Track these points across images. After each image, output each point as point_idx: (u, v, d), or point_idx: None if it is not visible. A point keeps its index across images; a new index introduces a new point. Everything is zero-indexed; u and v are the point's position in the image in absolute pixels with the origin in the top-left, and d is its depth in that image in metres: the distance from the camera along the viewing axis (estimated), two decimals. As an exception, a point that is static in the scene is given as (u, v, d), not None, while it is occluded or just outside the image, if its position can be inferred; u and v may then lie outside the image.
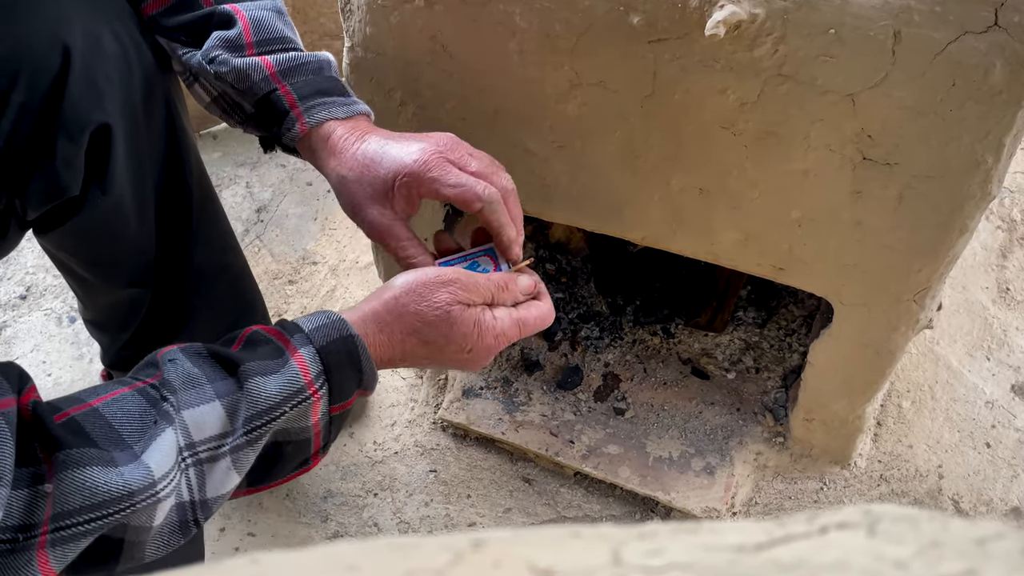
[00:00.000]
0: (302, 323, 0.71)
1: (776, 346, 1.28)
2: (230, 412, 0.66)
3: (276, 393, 0.67)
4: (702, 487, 1.16)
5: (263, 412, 0.67)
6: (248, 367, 0.67)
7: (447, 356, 0.75)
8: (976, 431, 1.24)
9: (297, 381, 0.68)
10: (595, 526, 0.27)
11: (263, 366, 0.68)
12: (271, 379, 0.67)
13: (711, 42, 0.73)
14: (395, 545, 0.26)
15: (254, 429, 0.67)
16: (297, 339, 0.70)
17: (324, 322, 0.71)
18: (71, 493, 0.59)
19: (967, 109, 0.70)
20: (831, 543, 0.24)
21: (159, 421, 0.64)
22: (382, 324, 0.73)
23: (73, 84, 0.78)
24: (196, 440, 0.65)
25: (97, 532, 0.61)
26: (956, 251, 0.83)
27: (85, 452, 0.60)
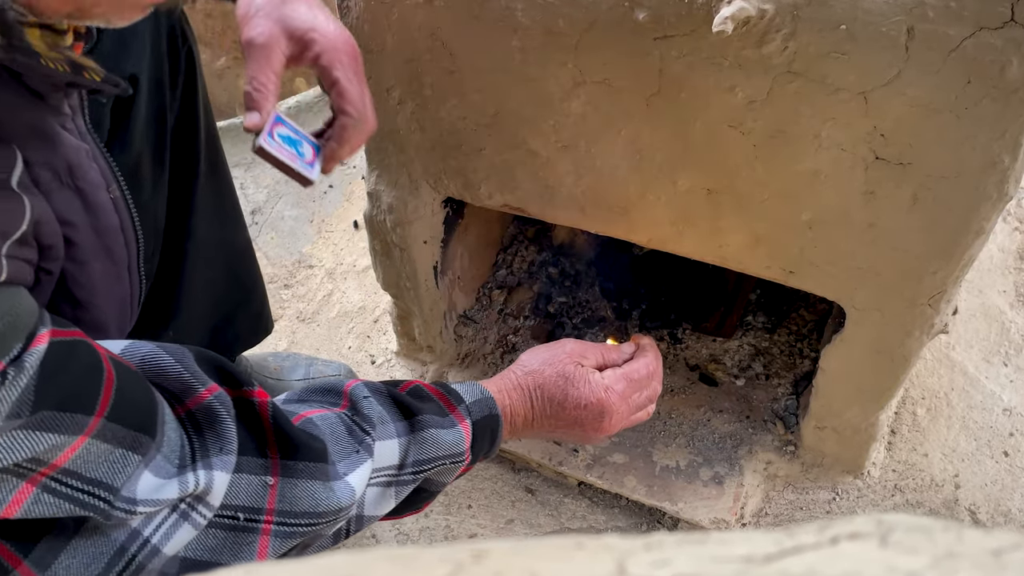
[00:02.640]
0: (463, 394, 0.87)
1: (786, 352, 1.28)
2: (403, 450, 0.81)
3: (446, 447, 0.83)
4: (710, 497, 1.16)
5: (431, 459, 0.82)
6: (425, 419, 0.82)
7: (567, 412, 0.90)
8: (994, 439, 1.24)
9: (461, 444, 0.84)
10: (599, 537, 0.27)
11: (436, 420, 0.83)
12: (444, 434, 0.83)
13: (719, 39, 0.73)
14: (393, 556, 0.26)
15: (419, 471, 0.82)
16: (462, 409, 0.86)
17: (479, 397, 0.88)
18: (300, 499, 0.72)
19: (983, 107, 0.70)
20: (842, 554, 0.24)
21: (361, 451, 0.78)
22: (521, 392, 0.91)
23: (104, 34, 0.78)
24: (376, 468, 0.79)
25: (308, 535, 0.73)
26: (972, 253, 0.83)
27: (312, 466, 0.73)
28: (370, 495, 0.80)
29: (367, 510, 0.80)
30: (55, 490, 0.59)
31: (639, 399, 0.96)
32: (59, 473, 0.59)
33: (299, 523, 0.72)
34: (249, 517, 0.70)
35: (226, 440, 0.70)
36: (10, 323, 0.55)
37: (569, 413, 0.91)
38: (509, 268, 1.40)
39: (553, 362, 0.92)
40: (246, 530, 0.70)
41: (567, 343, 0.95)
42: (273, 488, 0.71)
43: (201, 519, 0.68)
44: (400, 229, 1.11)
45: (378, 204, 1.09)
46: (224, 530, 0.69)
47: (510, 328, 1.34)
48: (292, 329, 1.51)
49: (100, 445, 0.61)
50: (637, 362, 0.96)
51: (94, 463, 0.61)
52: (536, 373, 0.92)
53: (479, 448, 0.87)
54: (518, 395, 0.90)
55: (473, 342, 1.33)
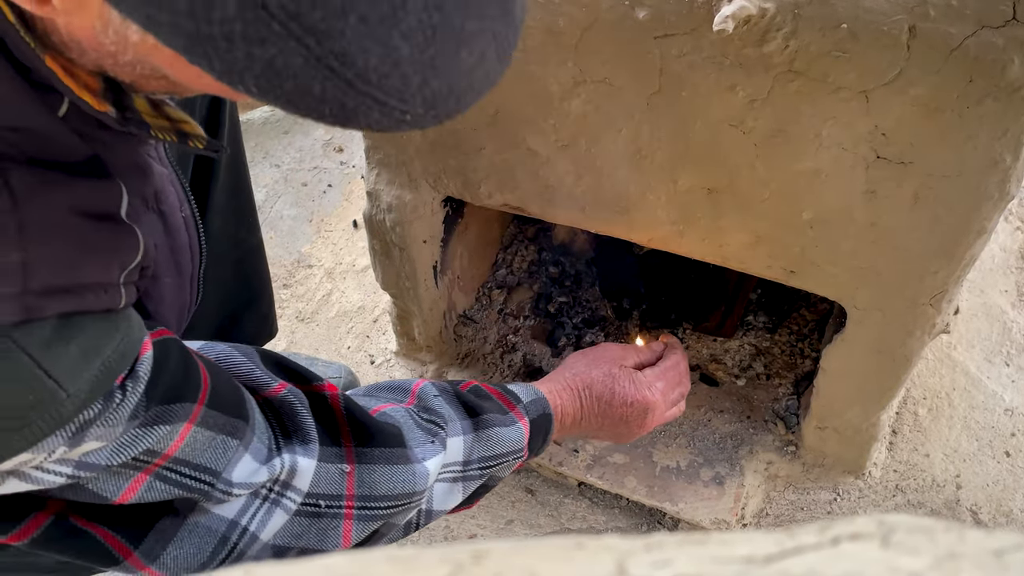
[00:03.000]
0: (520, 394, 0.92)
1: (787, 352, 1.28)
2: (468, 447, 0.85)
3: (508, 445, 0.88)
4: (711, 498, 1.16)
5: (495, 456, 0.87)
6: (489, 417, 0.87)
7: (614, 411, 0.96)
8: (995, 439, 1.24)
9: (521, 441, 0.89)
10: (600, 537, 0.27)
11: (499, 419, 0.88)
12: (506, 431, 0.88)
13: (720, 37, 0.73)
14: (393, 558, 0.26)
15: (485, 468, 0.87)
16: (520, 408, 0.91)
17: (534, 397, 0.93)
18: (379, 483, 0.76)
19: (985, 106, 0.70)
20: (844, 554, 0.24)
21: (435, 441, 0.82)
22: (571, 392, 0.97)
23: None
24: (445, 463, 0.83)
25: (387, 518, 0.78)
26: (973, 253, 0.83)
27: (388, 451, 0.78)
28: (439, 490, 0.84)
29: (436, 504, 0.85)
30: (166, 478, 0.65)
31: (674, 396, 1.02)
32: (170, 462, 0.64)
33: (379, 506, 0.77)
34: (330, 504, 0.75)
35: (304, 430, 0.75)
36: (129, 343, 0.60)
37: (616, 411, 0.96)
38: (509, 268, 1.40)
39: (599, 364, 0.98)
40: (329, 516, 0.75)
41: (609, 347, 1.02)
42: (350, 475, 0.76)
43: (291, 504, 0.72)
44: (399, 228, 1.11)
45: (377, 203, 1.09)
46: (307, 517, 0.74)
47: (510, 328, 1.34)
48: (291, 329, 1.51)
49: (204, 432, 0.66)
50: (670, 360, 1.03)
51: (200, 450, 0.66)
52: (584, 374, 0.97)
53: (534, 445, 0.91)
54: (568, 395, 0.96)
55: (473, 342, 1.33)
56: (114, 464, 0.61)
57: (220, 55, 0.41)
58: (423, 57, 0.43)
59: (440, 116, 0.47)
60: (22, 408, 0.54)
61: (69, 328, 0.56)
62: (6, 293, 0.51)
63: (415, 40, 0.43)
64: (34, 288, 0.53)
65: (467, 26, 0.44)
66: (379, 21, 0.41)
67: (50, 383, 0.54)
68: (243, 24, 0.40)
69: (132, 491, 0.63)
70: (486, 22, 0.45)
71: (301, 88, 0.43)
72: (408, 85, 0.44)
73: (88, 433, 0.58)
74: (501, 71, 0.48)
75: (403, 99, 0.44)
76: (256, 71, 0.42)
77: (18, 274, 0.52)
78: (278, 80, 0.42)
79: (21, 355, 0.53)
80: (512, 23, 0.48)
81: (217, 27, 0.40)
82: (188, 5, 0.39)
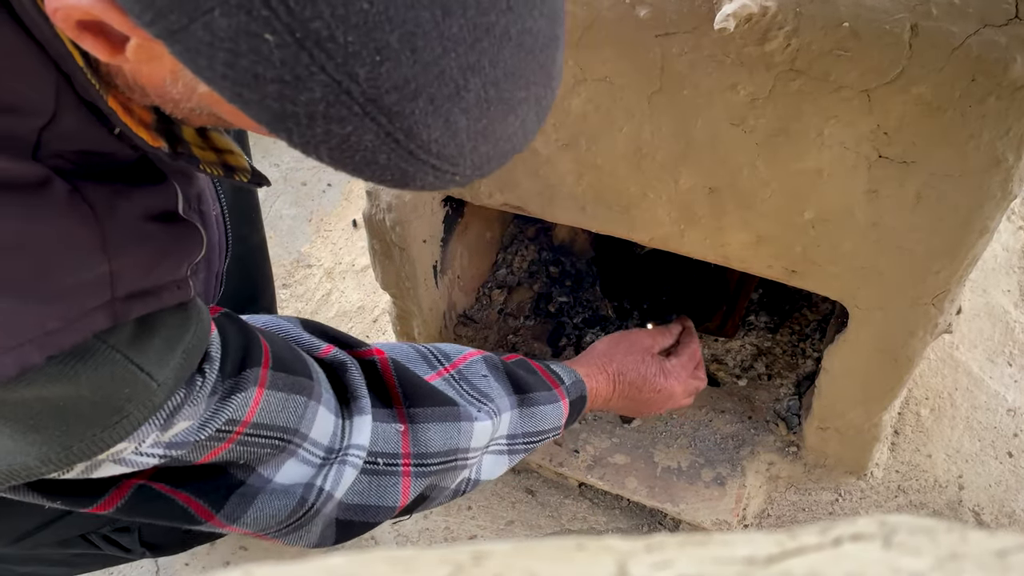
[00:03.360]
0: (562, 375, 0.98)
1: (789, 352, 1.28)
2: (514, 423, 0.92)
3: (550, 422, 0.95)
4: (712, 499, 1.16)
5: (539, 432, 0.94)
6: (536, 395, 0.94)
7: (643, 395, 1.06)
8: (998, 440, 1.24)
9: (560, 419, 0.96)
10: (600, 538, 0.27)
11: (544, 397, 0.94)
12: (549, 409, 0.94)
13: (721, 36, 0.73)
14: (393, 558, 0.26)
15: (530, 442, 0.93)
16: (563, 389, 0.97)
17: (574, 380, 0.99)
18: (432, 440, 0.81)
19: (987, 105, 0.70)
20: (845, 555, 0.24)
21: (482, 410, 0.88)
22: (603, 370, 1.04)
23: None
24: (493, 436, 0.88)
25: (440, 474, 0.83)
26: (976, 252, 0.83)
27: (440, 410, 0.83)
28: (487, 461, 0.91)
29: (483, 475, 0.91)
30: (248, 443, 0.70)
31: (691, 387, 1.12)
32: (251, 428, 0.69)
33: (433, 463, 0.82)
34: (388, 462, 0.80)
35: (356, 389, 0.80)
36: (202, 330, 0.64)
37: (644, 395, 1.06)
38: (509, 267, 1.40)
39: (633, 351, 1.07)
40: (388, 474, 0.80)
41: (640, 333, 1.10)
42: (404, 434, 0.81)
43: (358, 460, 0.77)
44: (399, 228, 1.11)
45: (377, 203, 1.09)
46: (368, 475, 0.79)
47: (510, 328, 1.34)
48: (290, 329, 1.51)
49: (275, 395, 0.70)
50: (690, 348, 1.13)
51: (275, 412, 0.70)
52: (619, 360, 1.05)
53: (568, 423, 0.99)
54: (603, 379, 1.04)
55: (473, 342, 1.33)
56: (201, 439, 0.66)
57: (301, 130, 0.45)
58: (477, 127, 0.48)
59: (484, 174, 0.52)
60: (120, 401, 0.58)
61: (151, 323, 0.60)
62: (97, 304, 0.55)
63: (472, 114, 0.47)
64: (120, 295, 0.57)
65: (516, 96, 0.49)
66: (444, 100, 0.46)
67: (142, 375, 0.59)
68: (326, 106, 0.44)
69: (214, 454, 0.68)
70: (532, 89, 0.50)
71: (368, 158, 0.47)
72: (462, 152, 0.49)
73: (177, 417, 0.63)
74: (538, 129, 0.54)
75: (455, 164, 0.49)
76: (331, 144, 0.46)
77: (106, 284, 0.56)
78: (350, 152, 0.47)
79: (115, 354, 0.57)
80: (551, 85, 0.52)
81: (303, 108, 0.44)
82: (278, 89, 0.43)
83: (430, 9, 0.43)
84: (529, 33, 0.47)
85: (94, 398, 0.57)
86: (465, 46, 0.45)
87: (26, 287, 0.53)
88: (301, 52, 0.42)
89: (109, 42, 0.47)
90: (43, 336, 0.53)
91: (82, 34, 0.46)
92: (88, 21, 0.46)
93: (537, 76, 0.50)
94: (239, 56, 0.42)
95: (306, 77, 0.43)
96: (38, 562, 1.08)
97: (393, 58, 0.43)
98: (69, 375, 0.56)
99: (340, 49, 0.42)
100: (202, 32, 0.41)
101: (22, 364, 0.53)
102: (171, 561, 1.29)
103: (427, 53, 0.44)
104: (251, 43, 0.42)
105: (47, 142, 0.53)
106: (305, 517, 0.75)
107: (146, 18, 0.42)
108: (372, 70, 0.43)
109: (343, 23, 0.41)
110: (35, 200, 0.52)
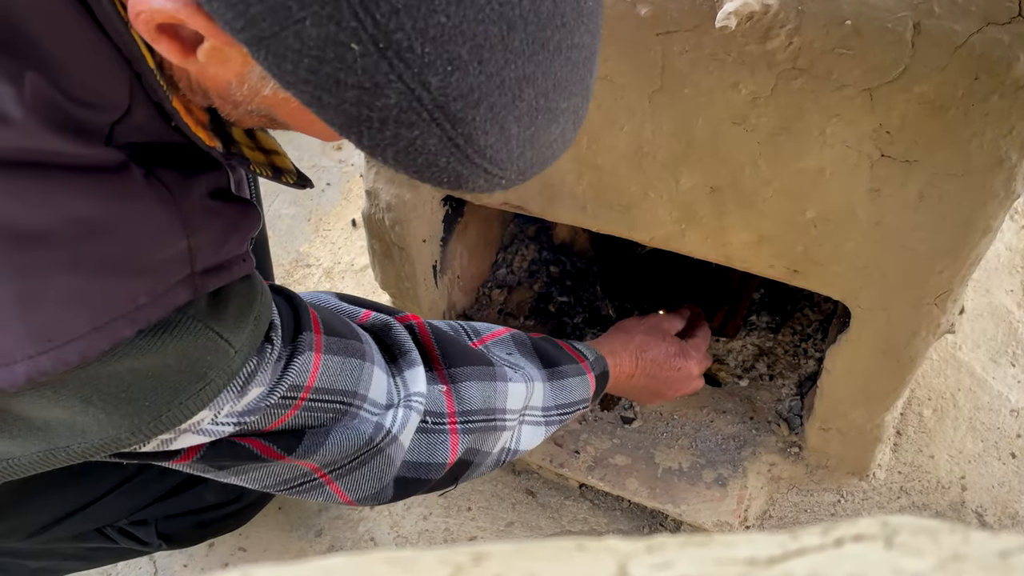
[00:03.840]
0: (584, 352, 1.02)
1: (791, 352, 1.28)
2: (546, 395, 0.96)
3: (579, 394, 0.99)
4: (713, 500, 1.16)
5: (570, 403, 0.98)
6: (564, 368, 0.98)
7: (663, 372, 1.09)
8: (1001, 441, 1.24)
9: (589, 392, 1.00)
10: (601, 539, 0.27)
11: (572, 370, 0.98)
12: (577, 382, 0.98)
13: (722, 34, 0.73)
14: (392, 559, 0.26)
15: (563, 413, 0.98)
16: (588, 363, 1.00)
17: (596, 356, 1.03)
18: (474, 398, 0.86)
19: (990, 103, 0.70)
20: (847, 556, 0.24)
21: (519, 373, 0.92)
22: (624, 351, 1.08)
23: None
24: (527, 405, 0.93)
25: (483, 432, 0.87)
26: (979, 252, 0.83)
27: (478, 369, 0.88)
28: (525, 431, 0.95)
29: (522, 445, 0.95)
30: (312, 408, 0.74)
31: (703, 367, 1.15)
32: (313, 393, 0.73)
33: (476, 419, 0.87)
34: (436, 421, 0.84)
35: (403, 345, 0.84)
36: (266, 298, 0.69)
37: (665, 372, 1.09)
38: (509, 267, 1.40)
39: (655, 332, 1.11)
40: (437, 431, 0.84)
41: (656, 317, 1.15)
42: (447, 394, 0.86)
43: (420, 405, 0.81)
44: (399, 227, 1.11)
45: (376, 202, 1.09)
46: (419, 433, 0.83)
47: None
48: (289, 329, 1.51)
49: (332, 359, 0.74)
50: (703, 330, 1.18)
51: (334, 376, 0.74)
52: (641, 339, 1.09)
53: (595, 398, 1.03)
54: (626, 354, 1.07)
55: (473, 342, 1.34)
56: (270, 404, 0.70)
57: (372, 133, 0.49)
58: (526, 134, 0.53)
59: (525, 179, 0.57)
60: (203, 368, 0.62)
61: (223, 294, 0.64)
62: (180, 278, 0.59)
63: (523, 121, 0.52)
64: (199, 270, 0.60)
65: (560, 105, 0.53)
66: (501, 108, 0.50)
67: (222, 342, 0.63)
68: (399, 111, 0.48)
69: (281, 421, 0.72)
70: (572, 100, 0.55)
71: (430, 161, 0.51)
72: (511, 157, 0.53)
73: (251, 384, 0.67)
74: (574, 137, 0.58)
75: (503, 168, 0.53)
76: (398, 147, 0.50)
77: (186, 260, 0.59)
78: (414, 155, 0.51)
79: (196, 324, 0.61)
80: (587, 97, 0.57)
81: (377, 112, 0.48)
82: (357, 95, 0.47)
83: (498, 24, 0.47)
84: (576, 47, 0.52)
85: (180, 367, 0.61)
86: (524, 58, 0.49)
87: (118, 265, 0.56)
88: (382, 61, 0.45)
89: (182, 45, 0.51)
90: (134, 311, 0.57)
91: (159, 37, 0.50)
92: (166, 24, 0.49)
93: (578, 88, 0.54)
94: (324, 63, 0.45)
95: (384, 84, 0.46)
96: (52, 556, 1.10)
97: (462, 68, 0.47)
98: (157, 346, 0.59)
99: (417, 59, 0.46)
100: (292, 40, 0.45)
101: (115, 339, 0.56)
102: (169, 563, 1.29)
103: (491, 64, 0.48)
104: (337, 51, 0.45)
105: (118, 134, 0.56)
106: (369, 453, 0.78)
107: (237, 25, 0.45)
108: (443, 79, 0.47)
109: (422, 35, 0.45)
110: (119, 182, 0.56)
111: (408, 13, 0.44)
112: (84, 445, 0.62)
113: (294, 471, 0.78)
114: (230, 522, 1.14)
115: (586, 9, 0.52)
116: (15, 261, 0.53)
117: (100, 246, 0.55)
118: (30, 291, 0.53)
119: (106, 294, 0.56)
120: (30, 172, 0.52)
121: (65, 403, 0.59)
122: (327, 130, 0.51)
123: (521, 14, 0.47)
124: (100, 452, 0.63)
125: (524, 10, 0.48)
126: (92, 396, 0.59)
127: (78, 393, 0.59)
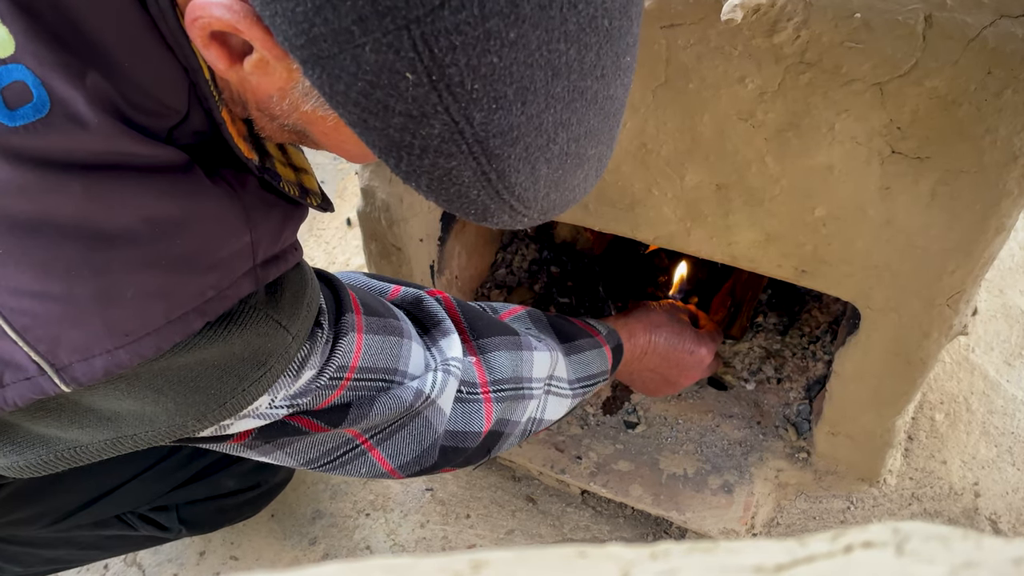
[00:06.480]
0: (598, 327, 1.06)
1: (799, 354, 1.28)
2: (567, 368, 1.00)
3: (598, 367, 1.03)
4: (719, 506, 1.16)
5: (591, 376, 1.03)
6: (581, 342, 1.02)
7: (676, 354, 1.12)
8: (1015, 445, 1.24)
9: (606, 364, 1.05)
10: (603, 546, 0.27)
11: (589, 343, 1.03)
12: (594, 354, 1.03)
13: (728, 27, 0.73)
14: (389, 567, 0.26)
15: (586, 386, 1.03)
16: (603, 336, 1.05)
17: (610, 330, 1.07)
18: (503, 367, 0.91)
19: (1004, 98, 0.70)
20: (857, 563, 0.24)
21: (542, 343, 0.96)
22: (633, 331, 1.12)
23: None
24: (551, 374, 0.97)
25: (512, 401, 0.92)
26: (992, 251, 0.83)
27: (505, 339, 0.93)
28: (551, 402, 0.98)
29: (547, 414, 0.99)
30: (357, 387, 0.78)
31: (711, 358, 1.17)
32: (358, 373, 0.77)
33: (506, 387, 0.91)
34: (470, 391, 0.89)
35: (437, 314, 0.90)
36: (315, 284, 0.73)
37: (678, 354, 1.12)
38: (509, 267, 1.40)
39: (670, 314, 1.14)
40: (471, 401, 0.89)
41: (667, 304, 1.18)
42: (477, 364, 0.91)
43: (457, 369, 0.86)
44: (395, 227, 1.11)
45: (372, 201, 1.09)
46: (456, 403, 0.88)
47: (510, 330, 1.35)
48: (282, 331, 1.51)
49: (373, 338, 0.79)
50: (715, 329, 1.19)
51: (376, 355, 0.79)
52: (654, 316, 1.13)
53: (613, 370, 1.07)
54: (639, 327, 1.11)
55: (471, 344, 1.34)
56: (320, 385, 0.74)
57: (410, 160, 0.52)
58: (554, 176, 0.56)
59: (545, 219, 0.60)
60: (264, 355, 0.66)
61: (279, 282, 0.68)
62: (244, 271, 0.62)
63: (552, 164, 0.55)
64: (259, 262, 0.64)
65: (587, 152, 0.57)
66: (535, 149, 0.53)
67: (280, 329, 0.67)
68: (440, 141, 0.51)
69: (328, 401, 0.77)
70: (600, 148, 0.58)
71: (461, 192, 0.55)
72: (536, 197, 0.56)
73: (304, 368, 0.71)
74: (596, 184, 0.61)
75: (528, 206, 0.57)
76: (433, 175, 0.53)
77: (249, 253, 0.63)
78: (447, 185, 0.54)
79: (257, 312, 0.65)
80: (612, 146, 0.60)
81: (419, 140, 0.51)
82: (403, 122, 0.50)
83: (544, 70, 0.50)
84: (610, 99, 0.56)
85: (244, 355, 0.65)
86: (563, 104, 0.52)
87: (191, 261, 0.59)
88: (432, 92, 0.48)
89: (230, 53, 0.53)
90: (203, 304, 0.60)
91: (210, 43, 0.53)
92: (218, 32, 0.52)
93: (605, 137, 0.58)
94: (376, 87, 0.48)
95: (431, 114, 0.49)
96: (68, 545, 1.13)
97: (506, 108, 0.50)
98: (224, 336, 0.63)
99: (466, 94, 0.49)
100: (349, 62, 0.48)
101: (187, 331, 0.60)
102: (158, 569, 1.29)
103: (533, 106, 0.51)
104: (391, 78, 0.48)
105: (175, 138, 0.59)
106: (408, 416, 0.83)
107: (298, 42, 0.48)
108: (487, 115, 0.50)
109: (474, 72, 0.48)
110: (189, 181, 0.59)
111: (464, 51, 0.47)
112: (152, 433, 0.66)
113: (337, 439, 0.82)
114: (247, 509, 1.18)
115: (623, 64, 0.55)
116: (93, 260, 0.55)
117: (175, 243, 0.58)
118: (108, 288, 0.56)
119: (179, 289, 0.59)
120: (108, 174, 0.55)
121: (137, 394, 0.63)
122: (359, 151, 0.54)
123: (567, 62, 0.51)
124: (166, 439, 0.67)
125: (570, 59, 0.51)
126: (164, 387, 0.63)
127: (151, 384, 0.62)
